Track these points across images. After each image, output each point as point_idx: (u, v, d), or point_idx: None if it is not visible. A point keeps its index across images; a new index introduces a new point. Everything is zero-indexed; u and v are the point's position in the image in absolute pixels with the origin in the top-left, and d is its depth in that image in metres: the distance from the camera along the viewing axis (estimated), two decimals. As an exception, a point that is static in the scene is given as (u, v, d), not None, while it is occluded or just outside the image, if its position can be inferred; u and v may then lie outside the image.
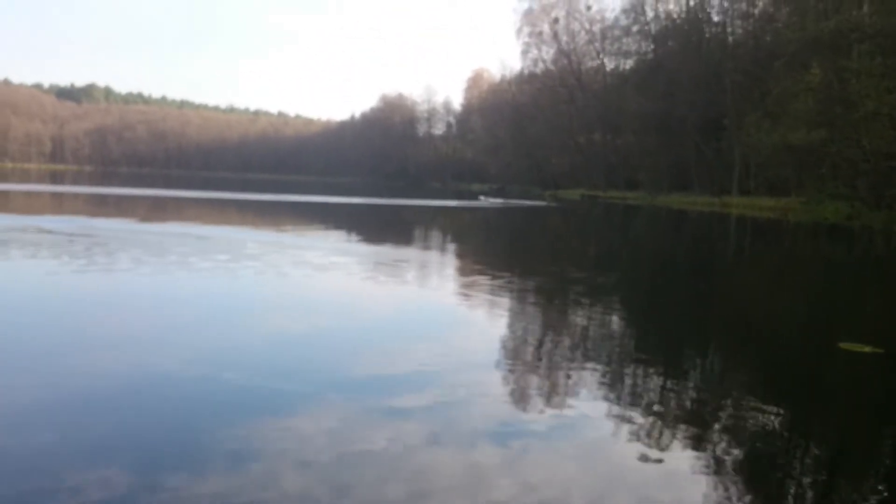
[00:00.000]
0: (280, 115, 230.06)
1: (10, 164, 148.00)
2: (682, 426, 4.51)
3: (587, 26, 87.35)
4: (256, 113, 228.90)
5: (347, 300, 8.94)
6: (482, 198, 51.96)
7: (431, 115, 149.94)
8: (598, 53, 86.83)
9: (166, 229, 17.07)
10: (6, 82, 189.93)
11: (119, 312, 7.36)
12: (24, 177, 67.37)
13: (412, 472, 3.56)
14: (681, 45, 66.46)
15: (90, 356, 5.50)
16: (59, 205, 27.63)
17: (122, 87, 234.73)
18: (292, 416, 4.28)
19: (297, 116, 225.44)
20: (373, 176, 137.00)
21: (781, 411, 4.98)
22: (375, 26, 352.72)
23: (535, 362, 6.13)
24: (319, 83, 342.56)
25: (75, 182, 56.25)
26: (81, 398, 4.48)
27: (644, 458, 3.92)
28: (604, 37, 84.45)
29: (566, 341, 7.13)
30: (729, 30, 63.57)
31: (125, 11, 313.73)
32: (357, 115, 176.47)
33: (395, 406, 4.55)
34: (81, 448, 3.66)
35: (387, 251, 15.09)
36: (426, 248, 16.81)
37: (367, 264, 12.77)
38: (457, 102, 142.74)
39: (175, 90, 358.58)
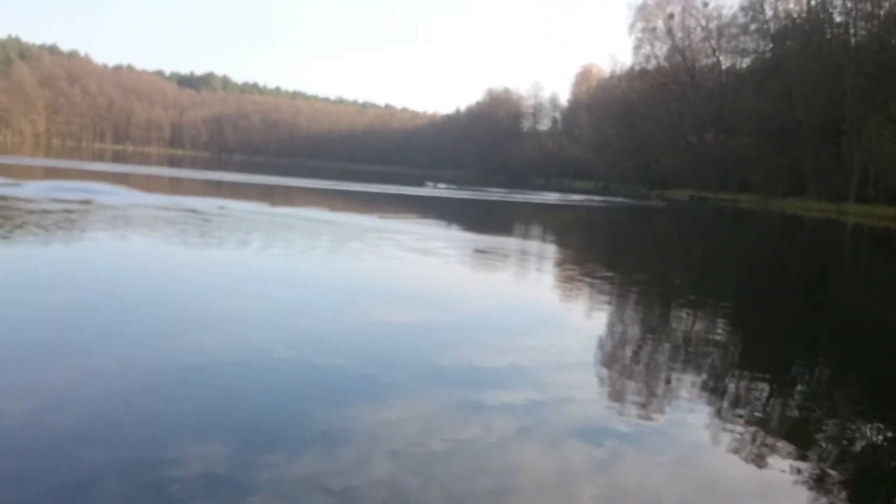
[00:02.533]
0: (387, 107, 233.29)
1: (131, 148, 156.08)
2: (785, 438, 4.33)
3: (703, 23, 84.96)
4: (364, 105, 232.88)
5: (447, 291, 9.01)
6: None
7: (537, 110, 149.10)
8: (713, 51, 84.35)
9: (290, 212, 18.19)
10: (130, 68, 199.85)
11: (232, 291, 7.69)
12: (146, 160, 70.75)
13: (500, 468, 3.55)
14: (800, 45, 63.79)
15: (200, 334, 5.74)
16: (195, 188, 28.92)
17: (238, 77, 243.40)
18: (385, 405, 4.35)
19: (404, 109, 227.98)
20: (475, 171, 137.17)
21: (891, 427, 4.73)
22: (484, 21, 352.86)
23: (632, 365, 6.02)
24: (427, 76, 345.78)
25: (194, 166, 58.73)
26: (186, 375, 4.67)
27: (742, 470, 3.80)
28: (720, 34, 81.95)
29: (666, 345, 6.96)
30: (851, 31, 60.58)
31: (244, 3, 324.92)
32: (462, 109, 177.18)
33: (486, 401, 4.55)
34: (184, 423, 3.82)
35: (487, 244, 15.10)
36: (526, 244, 16.73)
37: (468, 256, 12.82)
38: (564, 98, 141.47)
39: (288, 81, 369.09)
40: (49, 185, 19.45)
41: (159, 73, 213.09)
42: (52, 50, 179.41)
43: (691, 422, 4.47)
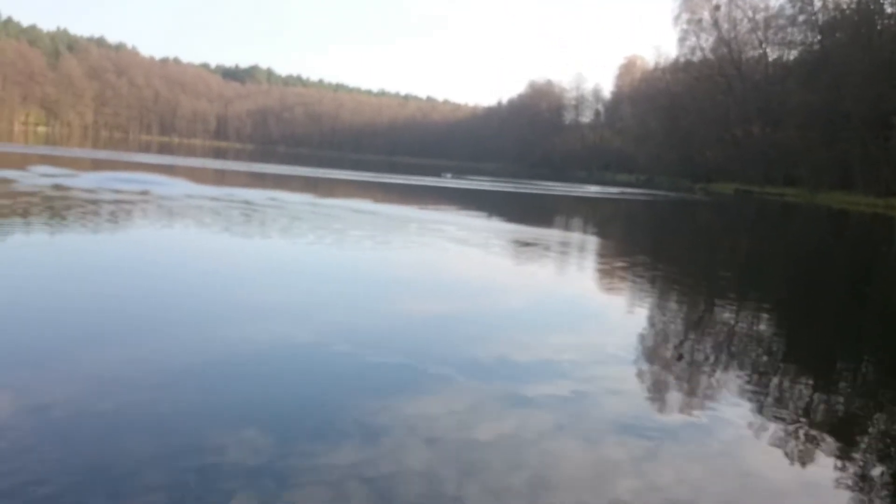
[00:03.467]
0: (428, 99, 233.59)
1: (177, 140, 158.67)
2: (829, 436, 4.26)
3: (750, 14, 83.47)
4: (406, 97, 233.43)
5: (486, 282, 9.01)
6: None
7: (580, 102, 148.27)
8: (760, 43, 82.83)
9: (336, 203, 18.62)
10: (176, 61, 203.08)
11: (277, 282, 7.80)
12: (192, 151, 71.85)
13: (537, 462, 3.55)
14: (850, 36, 62.16)
15: (240, 325, 5.82)
16: (244, 179, 29.28)
17: (282, 69, 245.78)
18: (423, 396, 4.37)
19: (445, 101, 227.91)
20: (517, 163, 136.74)
21: (943, 432, 4.61)
22: (527, 12, 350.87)
23: (673, 361, 5.96)
24: (469, 68, 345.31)
25: (240, 158, 59.41)
26: (227, 365, 4.75)
27: (783, 467, 3.74)
28: (767, 26, 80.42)
29: (709, 341, 6.88)
30: (903, 22, 58.91)
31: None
32: (504, 101, 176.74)
33: (524, 394, 4.55)
34: (224, 411, 3.88)
35: (528, 235, 15.05)
36: (567, 236, 16.64)
37: (508, 247, 12.80)
38: (607, 90, 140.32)
39: (331, 74, 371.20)
40: (106, 175, 20.15)
41: (205, 66, 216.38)
42: (100, 42, 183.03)
43: (733, 417, 4.41)
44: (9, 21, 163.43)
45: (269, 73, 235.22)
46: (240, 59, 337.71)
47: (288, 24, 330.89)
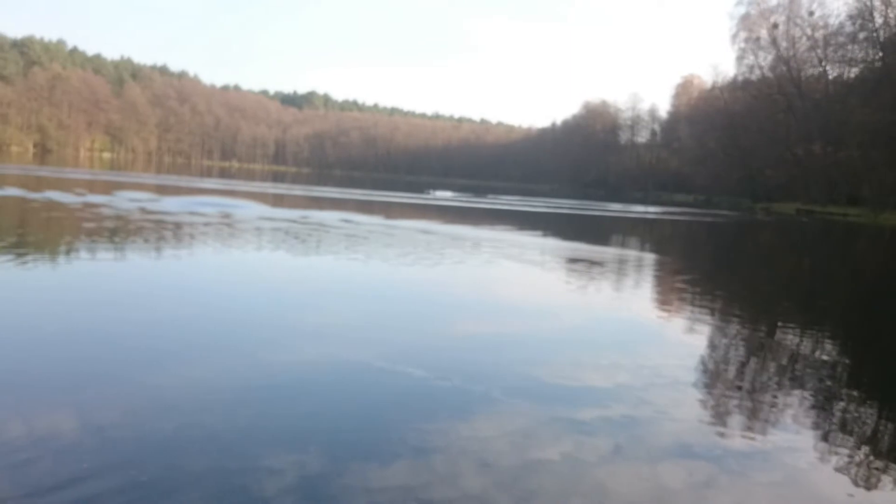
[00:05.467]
0: (482, 122, 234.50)
1: (237, 164, 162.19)
2: (895, 463, 4.10)
3: (809, 32, 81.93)
4: (460, 120, 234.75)
5: (542, 303, 8.95)
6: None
7: (635, 122, 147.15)
8: (819, 61, 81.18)
9: (403, 224, 19.25)
10: (237, 88, 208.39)
11: (336, 302, 7.89)
12: (252, 176, 73.29)
13: (593, 487, 3.48)
14: (913, 53, 60.50)
15: (297, 346, 5.87)
16: (312, 202, 29.75)
17: (338, 94, 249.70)
18: (477, 419, 4.34)
19: (499, 123, 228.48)
20: (571, 184, 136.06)
21: None
22: (581, 33, 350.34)
23: (734, 384, 5.81)
24: (523, 91, 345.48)
25: (300, 182, 60.33)
26: (282, 384, 4.79)
27: (849, 495, 3.61)
28: (827, 43, 78.82)
29: (771, 365, 6.69)
30: (970, 38, 57.11)
31: (344, 24, 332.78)
32: (558, 122, 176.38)
33: (580, 417, 4.48)
34: (279, 433, 3.91)
35: (584, 256, 14.92)
36: (624, 257, 16.43)
37: (564, 267, 12.70)
38: (663, 109, 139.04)
39: (386, 98, 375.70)
40: (186, 200, 21.43)
41: (264, 93, 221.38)
42: (163, 71, 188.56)
43: (796, 443, 4.28)
44: (74, 50, 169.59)
45: (326, 99, 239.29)
46: (298, 85, 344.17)
47: (344, 50, 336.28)
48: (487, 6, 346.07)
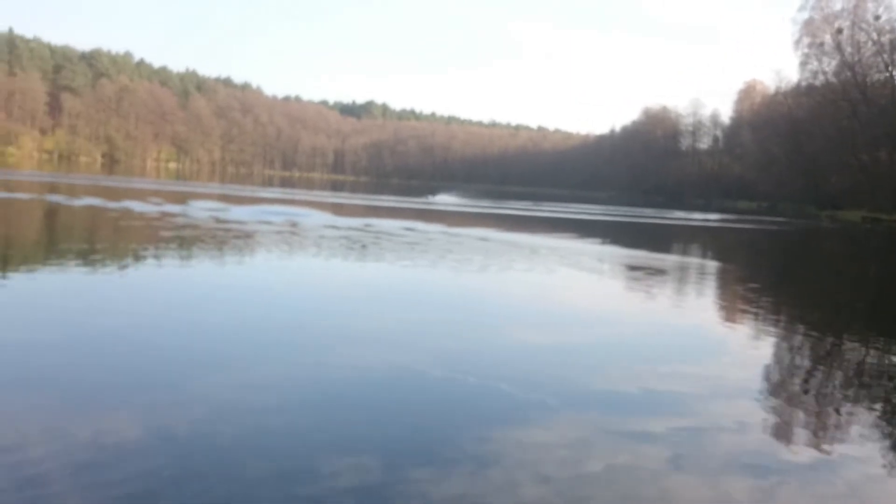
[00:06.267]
0: (539, 129, 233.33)
1: (297, 174, 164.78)
2: (976, 483, 3.93)
3: (874, 37, 79.41)
4: (517, 128, 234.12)
5: (600, 310, 8.87)
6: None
7: (697, 128, 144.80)
8: (886, 66, 78.55)
9: (464, 232, 19.47)
10: (297, 99, 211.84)
11: (395, 308, 7.97)
12: (311, 185, 74.38)
13: (652, 499, 3.42)
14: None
15: (355, 351, 5.92)
16: (373, 210, 30.15)
17: (397, 104, 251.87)
18: (535, 427, 4.31)
19: (557, 130, 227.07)
20: (630, 191, 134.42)
21: None
22: (638, 39, 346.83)
23: (800, 395, 5.66)
24: (581, 97, 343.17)
25: (359, 190, 61.02)
26: (339, 390, 4.84)
27: (924, 514, 3.48)
28: (893, 48, 76.28)
29: (837, 375, 6.50)
30: None
31: (404, 33, 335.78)
32: (617, 128, 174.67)
33: (638, 427, 4.41)
34: (335, 436, 3.95)
35: (643, 263, 14.72)
36: (685, 264, 16.16)
37: (622, 275, 12.56)
38: (725, 115, 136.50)
39: (444, 107, 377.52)
40: (254, 209, 22.12)
41: (324, 103, 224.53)
42: (227, 83, 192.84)
43: (863, 455, 4.14)
44: (141, 63, 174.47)
45: (385, 108, 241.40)
46: (357, 95, 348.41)
47: (403, 60, 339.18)
48: (546, 14, 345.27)
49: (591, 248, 17.99)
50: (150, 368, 5.00)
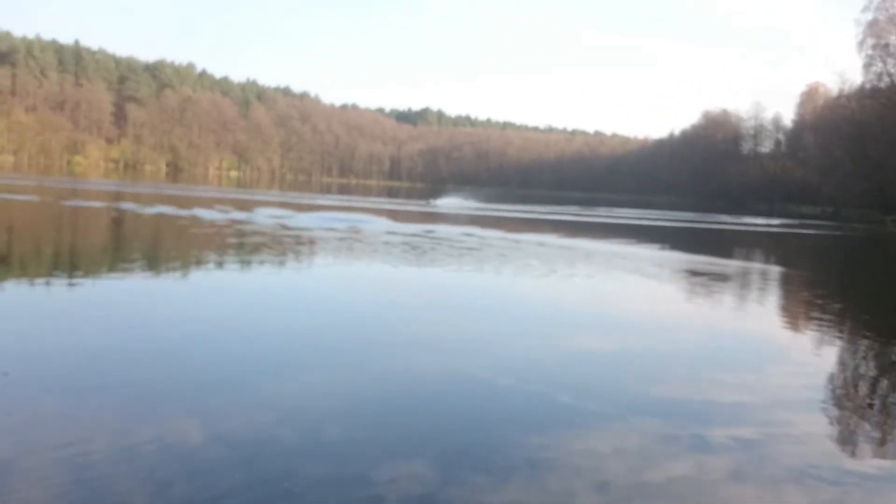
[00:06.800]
0: (596, 133, 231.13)
1: (354, 181, 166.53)
2: None
3: (940, 38, 76.72)
4: (573, 132, 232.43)
5: (660, 316, 8.77)
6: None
7: (758, 131, 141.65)
8: (952, 67, 75.80)
9: (518, 238, 19.55)
10: (354, 107, 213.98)
11: (454, 314, 8.02)
12: (368, 191, 75.08)
13: (713, 508, 3.39)
14: None
15: (414, 357, 5.98)
16: (430, 217, 30.36)
17: (452, 110, 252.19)
18: (592, 435, 4.30)
19: (614, 135, 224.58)
20: (690, 196, 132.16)
21: None
22: (702, 44, 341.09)
23: (864, 405, 5.52)
24: (638, 101, 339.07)
25: (411, 196, 61.37)
26: (397, 395, 4.90)
27: None
28: (959, 49, 73.59)
29: (905, 385, 6.32)
30: None
31: (460, 40, 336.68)
32: (676, 132, 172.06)
33: (698, 436, 4.36)
34: (393, 441, 3.99)
35: (705, 269, 14.48)
36: (747, 271, 15.85)
37: (684, 281, 12.39)
38: (787, 118, 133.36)
39: (499, 113, 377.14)
40: (318, 216, 22.62)
41: (380, 110, 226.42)
42: (286, 92, 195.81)
43: (936, 471, 4.03)
44: (203, 74, 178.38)
45: (440, 115, 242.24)
46: (412, 102, 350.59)
47: (458, 66, 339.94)
48: (612, 20, 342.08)
49: (651, 254, 17.77)
50: (217, 372, 5.13)
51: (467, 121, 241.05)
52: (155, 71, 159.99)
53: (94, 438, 3.75)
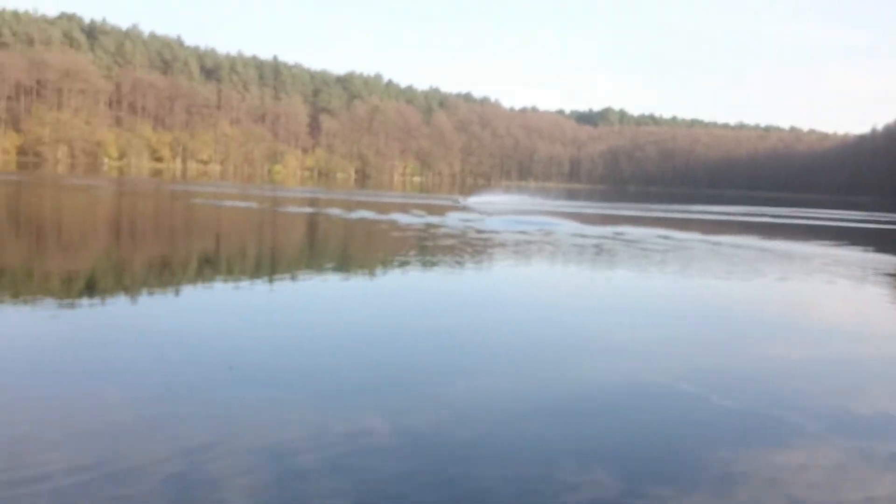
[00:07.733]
0: (792, 129, 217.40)
1: (533, 183, 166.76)
2: None
3: None
4: (767, 129, 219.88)
5: (859, 324, 8.22)
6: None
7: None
8: None
9: (716, 240, 19.38)
10: (534, 110, 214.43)
11: (631, 318, 7.93)
12: (547, 193, 74.95)
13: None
14: None
15: (592, 362, 6.00)
16: (613, 219, 30.16)
17: (634, 109, 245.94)
18: (785, 449, 4.15)
19: (811, 131, 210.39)
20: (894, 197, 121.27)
21: None
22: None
23: None
24: (838, 96, 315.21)
25: (592, 198, 60.61)
26: (578, 401, 4.94)
27: None
28: None
29: None
30: None
31: (643, 38, 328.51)
32: (879, 127, 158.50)
33: (905, 456, 4.10)
34: (573, 446, 4.05)
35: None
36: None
37: (890, 285, 11.52)
38: None
39: (685, 110, 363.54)
40: (506, 219, 23.27)
41: (560, 112, 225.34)
42: (467, 98, 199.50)
43: None
44: (389, 83, 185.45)
45: (622, 114, 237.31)
46: (593, 102, 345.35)
47: (642, 65, 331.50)
48: (796, 10, 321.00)
49: (853, 256, 16.58)
50: (402, 371, 5.40)
51: (651, 119, 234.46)
52: (345, 83, 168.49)
53: (284, 429, 4.05)
